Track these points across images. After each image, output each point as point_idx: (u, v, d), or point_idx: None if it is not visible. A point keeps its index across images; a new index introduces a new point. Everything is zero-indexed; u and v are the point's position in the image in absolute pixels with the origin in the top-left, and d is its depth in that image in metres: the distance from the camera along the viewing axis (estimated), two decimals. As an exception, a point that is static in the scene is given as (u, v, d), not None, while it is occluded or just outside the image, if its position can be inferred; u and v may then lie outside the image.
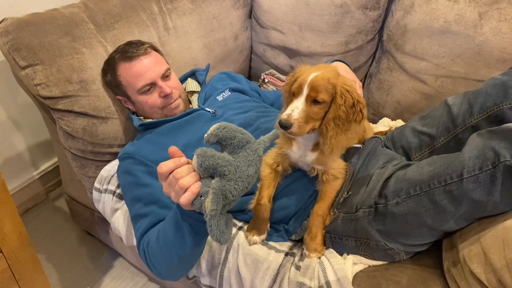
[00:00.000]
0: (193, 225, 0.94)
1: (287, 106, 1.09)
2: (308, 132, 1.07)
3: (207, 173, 0.83)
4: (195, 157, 0.82)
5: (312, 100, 1.04)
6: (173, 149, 0.86)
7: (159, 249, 1.06)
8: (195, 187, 0.82)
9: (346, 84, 1.05)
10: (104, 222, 1.71)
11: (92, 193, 1.57)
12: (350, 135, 1.12)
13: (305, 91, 1.04)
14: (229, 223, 0.86)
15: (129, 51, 1.41)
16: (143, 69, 1.40)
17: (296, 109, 1.03)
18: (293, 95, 1.08)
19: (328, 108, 1.06)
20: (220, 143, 0.86)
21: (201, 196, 0.83)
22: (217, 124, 0.85)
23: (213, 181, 0.82)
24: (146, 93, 1.42)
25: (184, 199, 0.82)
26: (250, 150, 0.86)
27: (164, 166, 0.84)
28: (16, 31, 1.34)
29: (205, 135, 0.84)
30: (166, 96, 1.43)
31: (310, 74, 1.04)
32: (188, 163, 0.85)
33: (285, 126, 1.02)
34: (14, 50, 1.33)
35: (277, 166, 1.21)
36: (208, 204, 0.80)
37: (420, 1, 1.64)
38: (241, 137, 0.86)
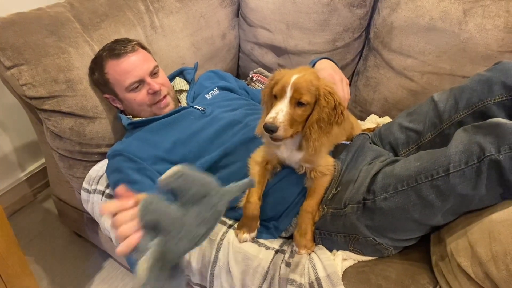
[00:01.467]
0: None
1: (268, 110, 1.08)
2: (291, 136, 1.06)
3: (150, 226, 0.72)
4: (138, 206, 0.72)
5: (296, 102, 1.03)
6: (120, 190, 0.77)
7: None
8: (134, 238, 0.71)
9: (328, 86, 1.05)
10: (93, 223, 1.70)
11: (80, 194, 1.56)
12: (331, 137, 1.12)
13: (289, 93, 1.02)
14: (176, 274, 0.75)
15: (116, 48, 1.40)
16: (131, 66, 1.39)
17: (281, 111, 1.02)
18: (274, 97, 1.06)
19: (311, 110, 1.06)
20: (173, 193, 0.74)
21: (139, 249, 0.71)
22: (175, 169, 0.73)
23: (154, 240, 0.71)
24: (135, 90, 1.42)
25: (119, 250, 0.71)
26: (206, 205, 0.73)
27: (107, 207, 0.75)
28: (0, 31, 1.32)
29: (159, 179, 0.73)
30: (154, 93, 1.43)
31: (292, 76, 1.03)
32: (137, 203, 0.74)
33: (270, 129, 1.00)
34: (-1, 50, 1.31)
35: (266, 164, 1.22)
36: (142, 272, 0.68)
37: (406, -1, 1.66)
38: (198, 190, 0.73)
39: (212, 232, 0.76)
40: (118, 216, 0.73)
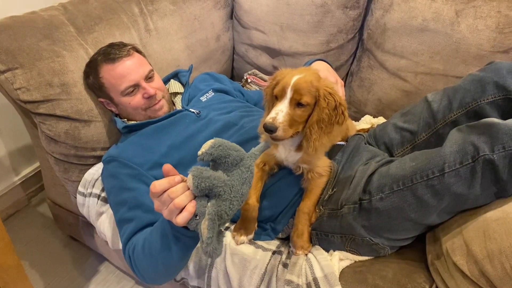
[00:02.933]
0: (180, 239, 0.94)
1: (269, 109, 1.09)
2: (291, 136, 1.07)
3: (203, 193, 0.82)
4: (190, 177, 0.80)
5: (296, 103, 1.04)
6: (167, 167, 0.83)
7: (145, 257, 1.06)
8: (191, 206, 0.81)
9: (328, 87, 1.06)
10: (88, 227, 1.70)
11: (76, 198, 1.55)
12: (332, 137, 1.13)
13: (289, 94, 1.03)
14: (220, 239, 0.86)
15: (111, 53, 1.39)
16: (126, 70, 1.39)
17: (280, 112, 1.03)
18: (275, 98, 1.07)
19: (311, 111, 1.06)
20: (214, 161, 0.85)
21: (196, 216, 0.82)
22: (211, 141, 0.83)
23: (208, 204, 0.82)
24: (130, 94, 1.41)
25: (181, 219, 0.81)
26: (244, 167, 0.86)
27: (158, 186, 0.82)
28: (-6, 35, 1.32)
29: (199, 152, 0.82)
30: (149, 97, 1.42)
31: (293, 77, 1.04)
32: (182, 180, 0.83)
33: (270, 129, 1.02)
34: (-7, 54, 1.30)
35: (264, 165, 1.22)
36: (205, 231, 0.80)
37: (398, 0, 1.67)
38: (235, 155, 0.85)
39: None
40: (171, 189, 0.81)
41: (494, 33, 1.51)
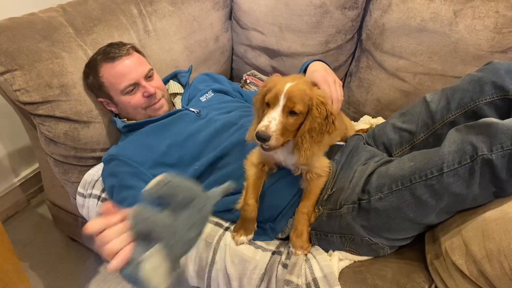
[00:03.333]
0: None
1: (259, 117, 1.08)
2: (282, 145, 1.06)
3: (141, 236, 0.71)
4: (129, 216, 0.71)
5: (289, 111, 1.03)
6: (105, 207, 0.74)
7: None
8: (125, 252, 0.69)
9: (320, 96, 1.05)
10: (88, 228, 1.70)
11: (75, 199, 1.55)
12: (322, 146, 1.12)
13: (282, 101, 1.02)
14: (182, 277, 0.75)
15: (111, 52, 1.40)
16: (126, 69, 1.39)
17: (273, 120, 1.01)
18: (267, 105, 1.06)
19: (303, 119, 1.06)
20: (160, 200, 0.74)
21: (133, 261, 0.69)
22: (160, 177, 0.73)
23: (150, 250, 0.70)
24: (130, 93, 1.42)
25: (113, 266, 0.69)
26: (194, 209, 0.75)
27: (91, 227, 0.71)
28: (-7, 36, 1.32)
29: (144, 189, 0.72)
30: (149, 96, 1.43)
31: (286, 84, 1.03)
32: (123, 218, 0.72)
33: (263, 138, 1.00)
34: (-8, 56, 1.30)
35: (263, 165, 1.22)
36: (155, 280, 0.68)
37: (397, 1, 1.68)
38: (185, 195, 0.75)
39: (202, 235, 0.76)
40: (105, 232, 0.70)
41: (493, 33, 1.51)
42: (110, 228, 0.71)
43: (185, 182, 0.76)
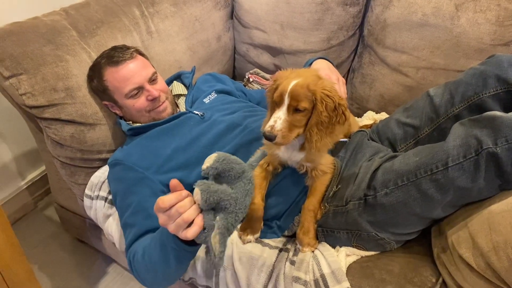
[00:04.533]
0: (179, 252, 0.97)
1: (271, 112, 1.10)
2: (294, 139, 1.09)
3: (210, 207, 0.84)
4: (198, 191, 0.82)
5: (294, 109, 1.05)
6: (174, 182, 0.85)
7: (145, 265, 1.10)
8: (200, 220, 0.83)
9: (325, 89, 1.05)
10: (96, 229, 1.71)
11: (83, 201, 1.56)
12: (334, 136, 1.14)
13: (286, 101, 1.04)
14: (225, 245, 0.89)
15: (115, 55, 1.40)
16: (130, 73, 1.40)
17: (278, 119, 1.04)
18: (275, 103, 1.08)
19: (311, 114, 1.07)
20: (219, 175, 0.87)
21: (204, 229, 0.83)
22: (215, 155, 0.86)
23: (217, 217, 0.84)
24: (134, 97, 1.42)
25: (191, 233, 0.82)
26: (246, 179, 0.90)
27: (167, 201, 0.83)
28: (-2, 41, 1.33)
29: (204, 166, 0.85)
30: (153, 99, 1.43)
31: (290, 82, 1.04)
32: (188, 195, 0.85)
33: (269, 138, 1.04)
34: (-3, 61, 1.32)
35: (268, 165, 1.23)
36: (217, 246, 0.82)
37: (398, -4, 1.68)
38: (238, 168, 0.88)
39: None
40: (179, 204, 0.82)
41: (495, 26, 1.51)
42: (182, 201, 0.83)
43: (233, 157, 0.90)
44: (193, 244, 0.96)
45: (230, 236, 0.88)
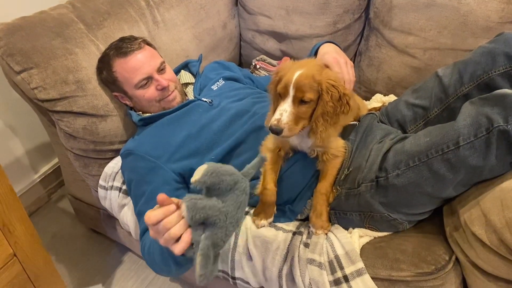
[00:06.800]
0: (177, 259, 0.99)
1: (275, 105, 1.11)
2: (300, 131, 1.09)
3: (197, 223, 0.80)
4: (184, 208, 0.78)
5: (300, 101, 1.05)
6: (161, 197, 0.81)
7: (151, 261, 1.14)
8: (187, 236, 0.80)
9: (330, 79, 1.06)
10: (110, 219, 1.74)
11: (97, 191, 1.59)
12: (339, 127, 1.14)
13: (291, 92, 1.04)
14: (217, 261, 0.85)
15: (123, 46, 1.41)
16: (138, 63, 1.41)
17: (284, 112, 1.04)
18: (279, 96, 1.08)
19: (316, 105, 1.07)
20: (208, 188, 0.82)
21: (192, 244, 0.80)
22: (204, 168, 0.80)
23: (202, 236, 0.80)
24: (143, 87, 1.44)
25: (178, 250, 0.80)
26: (238, 191, 0.84)
27: (153, 217, 0.80)
28: (7, 36, 1.34)
29: (192, 179, 0.80)
30: (163, 89, 1.45)
31: (294, 73, 1.04)
32: (178, 206, 0.82)
33: (276, 131, 1.04)
34: (8, 56, 1.33)
35: (279, 150, 1.24)
36: (197, 268, 0.78)
37: (404, -24, 1.66)
38: (229, 180, 0.82)
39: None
40: (166, 220, 0.79)
41: (502, 4, 1.50)
42: (169, 216, 0.79)
43: (224, 167, 0.83)
44: None
45: (221, 248, 0.83)
